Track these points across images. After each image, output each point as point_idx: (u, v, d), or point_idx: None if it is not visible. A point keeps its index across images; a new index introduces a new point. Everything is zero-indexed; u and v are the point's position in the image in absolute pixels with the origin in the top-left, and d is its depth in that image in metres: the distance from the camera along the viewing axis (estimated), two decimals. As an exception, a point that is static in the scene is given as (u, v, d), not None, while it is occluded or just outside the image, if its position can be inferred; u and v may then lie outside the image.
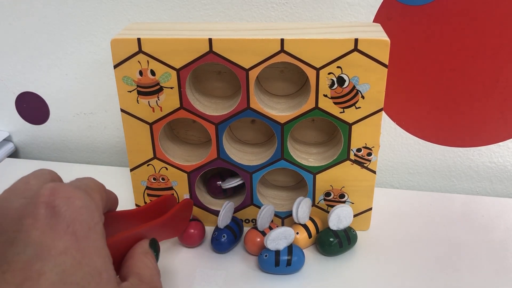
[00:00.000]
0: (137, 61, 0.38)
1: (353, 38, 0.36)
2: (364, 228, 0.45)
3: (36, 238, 0.23)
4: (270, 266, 0.39)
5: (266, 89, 0.43)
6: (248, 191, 0.44)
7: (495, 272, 0.40)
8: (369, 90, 0.38)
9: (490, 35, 0.45)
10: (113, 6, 0.51)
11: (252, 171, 0.43)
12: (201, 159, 0.43)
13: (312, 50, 0.37)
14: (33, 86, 0.59)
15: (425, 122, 0.51)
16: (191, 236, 0.42)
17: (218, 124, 0.41)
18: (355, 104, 0.39)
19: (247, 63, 0.38)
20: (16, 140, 0.64)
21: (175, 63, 0.38)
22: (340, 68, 0.37)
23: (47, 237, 0.23)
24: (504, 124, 0.50)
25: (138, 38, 0.37)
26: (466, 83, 0.48)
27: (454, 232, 0.45)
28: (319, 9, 0.48)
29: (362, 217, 0.44)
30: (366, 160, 0.41)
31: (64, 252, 0.23)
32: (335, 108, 0.39)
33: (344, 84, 0.38)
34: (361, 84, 0.38)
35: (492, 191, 0.55)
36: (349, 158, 0.41)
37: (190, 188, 0.44)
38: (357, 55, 0.36)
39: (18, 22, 0.54)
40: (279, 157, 0.42)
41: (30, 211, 0.23)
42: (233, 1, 0.49)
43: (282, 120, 0.40)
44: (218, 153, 0.42)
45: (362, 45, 0.36)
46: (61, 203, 0.24)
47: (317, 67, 0.37)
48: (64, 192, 0.25)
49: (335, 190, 0.43)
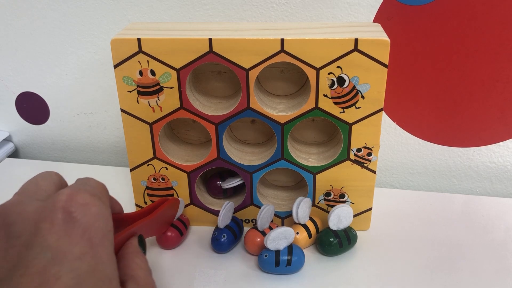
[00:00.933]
0: (137, 61, 0.38)
1: (353, 38, 0.36)
2: (364, 228, 0.45)
3: (52, 242, 0.23)
4: (270, 266, 0.39)
5: (266, 89, 0.43)
6: (248, 191, 0.44)
7: (495, 272, 0.40)
8: (369, 90, 0.38)
9: (490, 35, 0.45)
10: (113, 6, 0.51)
11: (252, 171, 0.43)
12: (201, 159, 0.43)
13: (312, 50, 0.37)
14: (33, 86, 0.59)
15: (425, 122, 0.51)
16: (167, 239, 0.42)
17: (218, 124, 0.41)
18: (355, 104, 0.39)
19: (247, 63, 0.38)
20: (16, 140, 0.64)
21: (175, 63, 0.38)
22: (340, 68, 0.37)
23: (63, 242, 0.23)
24: (504, 124, 0.50)
25: (138, 38, 0.37)
26: (466, 83, 0.48)
27: (454, 232, 0.45)
28: (319, 9, 0.48)
29: (362, 217, 0.44)
30: (366, 160, 0.41)
31: (79, 257, 0.23)
32: (335, 108, 0.39)
33: (344, 84, 0.38)
34: (361, 84, 0.38)
35: (492, 191, 0.55)
36: (349, 158, 0.41)
37: (190, 188, 0.44)
38: (357, 55, 0.36)
39: (18, 22, 0.54)
40: (279, 157, 0.42)
41: (46, 216, 0.24)
42: (233, 1, 0.49)
43: (282, 120, 0.40)
44: (218, 153, 0.42)
45: (362, 45, 0.36)
46: (78, 210, 0.24)
47: (317, 67, 0.37)
48: (81, 198, 0.25)
49: (335, 190, 0.43)
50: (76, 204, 0.24)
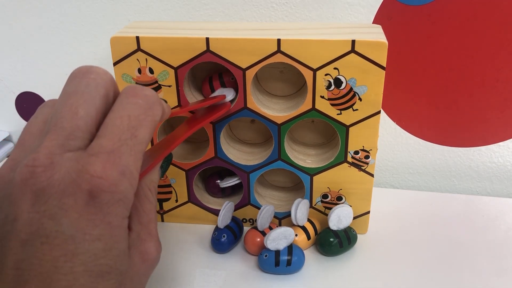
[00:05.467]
0: (136, 59, 0.38)
1: (350, 40, 0.36)
2: (362, 231, 0.44)
3: (73, 221, 0.23)
4: (270, 266, 0.39)
5: (266, 89, 0.43)
6: (245, 191, 0.44)
7: (495, 272, 0.40)
8: (367, 92, 0.38)
9: (490, 35, 0.45)
10: (113, 6, 0.51)
11: (249, 170, 0.43)
12: (199, 157, 0.43)
13: (308, 50, 0.36)
14: (33, 86, 0.59)
15: (425, 122, 0.51)
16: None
17: (215, 123, 0.41)
18: (352, 106, 0.38)
19: (244, 63, 0.38)
20: (16, 140, 0.64)
21: (173, 61, 0.38)
22: (337, 69, 0.37)
23: (84, 222, 0.23)
24: (504, 124, 0.50)
25: (136, 36, 0.37)
26: (466, 83, 0.48)
27: (454, 232, 0.45)
28: (319, 9, 0.48)
29: (359, 220, 0.44)
30: (364, 163, 0.41)
31: (98, 239, 0.24)
32: (332, 110, 0.39)
33: (341, 85, 0.38)
34: (358, 86, 0.38)
35: (492, 191, 0.55)
36: (346, 161, 0.41)
37: (188, 186, 0.44)
38: (354, 56, 0.36)
39: (18, 22, 0.54)
40: (276, 158, 0.42)
41: (72, 191, 0.23)
42: (233, 1, 0.49)
43: (279, 120, 0.40)
44: (215, 152, 0.42)
45: (359, 47, 0.36)
46: (103, 195, 0.23)
47: (314, 68, 0.37)
48: (111, 177, 0.24)
49: (332, 192, 0.43)
50: (103, 186, 0.23)
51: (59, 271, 0.23)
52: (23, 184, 0.23)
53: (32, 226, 0.23)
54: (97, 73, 0.27)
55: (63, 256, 0.23)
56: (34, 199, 0.23)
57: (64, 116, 0.25)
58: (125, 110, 0.26)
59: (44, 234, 0.23)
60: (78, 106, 0.25)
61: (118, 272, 0.25)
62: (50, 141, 0.24)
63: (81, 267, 0.23)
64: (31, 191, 0.23)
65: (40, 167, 0.23)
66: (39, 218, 0.23)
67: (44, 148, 0.24)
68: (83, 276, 0.23)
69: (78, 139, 0.25)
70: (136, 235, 0.27)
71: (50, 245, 0.23)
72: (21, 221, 0.23)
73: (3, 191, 0.25)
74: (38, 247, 0.23)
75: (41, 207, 0.23)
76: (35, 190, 0.23)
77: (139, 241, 0.27)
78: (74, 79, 0.27)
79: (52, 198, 0.23)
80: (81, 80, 0.26)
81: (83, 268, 0.23)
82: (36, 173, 0.23)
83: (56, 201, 0.23)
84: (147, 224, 0.28)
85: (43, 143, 0.24)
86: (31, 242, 0.23)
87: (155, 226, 0.29)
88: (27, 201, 0.23)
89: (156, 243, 0.28)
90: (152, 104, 0.27)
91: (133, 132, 0.25)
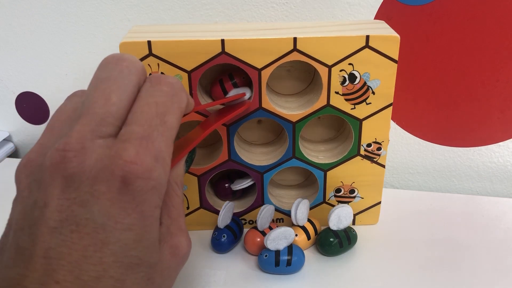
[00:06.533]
0: (147, 65, 0.37)
1: (365, 35, 0.36)
2: (373, 222, 0.45)
3: (105, 208, 0.22)
4: (270, 266, 0.39)
5: (273, 89, 0.43)
6: (259, 192, 0.44)
7: (495, 272, 0.40)
8: (380, 86, 0.38)
9: (490, 35, 0.45)
10: (113, 6, 0.51)
11: (263, 171, 0.43)
12: (211, 161, 0.42)
13: (324, 47, 0.37)
14: (33, 86, 0.59)
15: (425, 122, 0.51)
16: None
17: (229, 125, 0.40)
18: (366, 100, 0.39)
19: (260, 63, 0.37)
20: (16, 140, 0.64)
21: (187, 65, 0.37)
22: (351, 65, 0.37)
23: (116, 211, 0.23)
24: (504, 124, 0.50)
25: (148, 40, 0.36)
26: (466, 83, 0.48)
27: (454, 232, 0.45)
28: (319, 9, 0.48)
29: (371, 211, 0.45)
30: (376, 154, 0.41)
31: (129, 228, 0.23)
32: (346, 105, 0.39)
33: (355, 80, 0.38)
34: (372, 80, 0.38)
35: (492, 191, 0.55)
36: (359, 154, 0.41)
37: (200, 192, 0.44)
38: (368, 51, 0.37)
39: (18, 22, 0.54)
40: (290, 156, 0.42)
41: (104, 178, 0.23)
42: (233, 1, 0.49)
43: (294, 118, 0.40)
44: (229, 154, 0.42)
45: (373, 42, 0.36)
46: (137, 182, 0.23)
47: (329, 65, 0.37)
48: (145, 163, 0.23)
49: (345, 186, 0.43)
50: (137, 172, 0.23)
51: (88, 261, 0.22)
52: (53, 169, 0.23)
53: (62, 213, 0.22)
54: (130, 61, 0.26)
55: (93, 245, 0.22)
56: (64, 184, 0.22)
57: (96, 101, 0.24)
58: (152, 97, 0.25)
59: (74, 222, 0.22)
60: (111, 92, 0.24)
61: (147, 265, 0.24)
62: (82, 126, 0.23)
63: (111, 257, 0.22)
64: (61, 176, 0.22)
65: (71, 151, 0.23)
66: (69, 205, 0.22)
67: (76, 132, 0.23)
68: (112, 267, 0.22)
69: (110, 125, 0.24)
70: (166, 229, 0.26)
71: (80, 234, 0.22)
72: (50, 207, 0.22)
73: (33, 176, 0.24)
74: (67, 235, 0.22)
75: (72, 194, 0.22)
76: (66, 175, 0.22)
77: (169, 235, 0.26)
78: (108, 65, 0.26)
79: (84, 184, 0.22)
80: (115, 66, 0.26)
81: (113, 258, 0.22)
82: (67, 157, 0.22)
83: (87, 188, 0.22)
84: (177, 218, 0.27)
85: (74, 128, 0.23)
86: (60, 230, 0.22)
87: (184, 221, 0.28)
88: (57, 187, 0.22)
89: (187, 238, 0.27)
90: (178, 91, 0.26)
91: (162, 118, 0.25)
